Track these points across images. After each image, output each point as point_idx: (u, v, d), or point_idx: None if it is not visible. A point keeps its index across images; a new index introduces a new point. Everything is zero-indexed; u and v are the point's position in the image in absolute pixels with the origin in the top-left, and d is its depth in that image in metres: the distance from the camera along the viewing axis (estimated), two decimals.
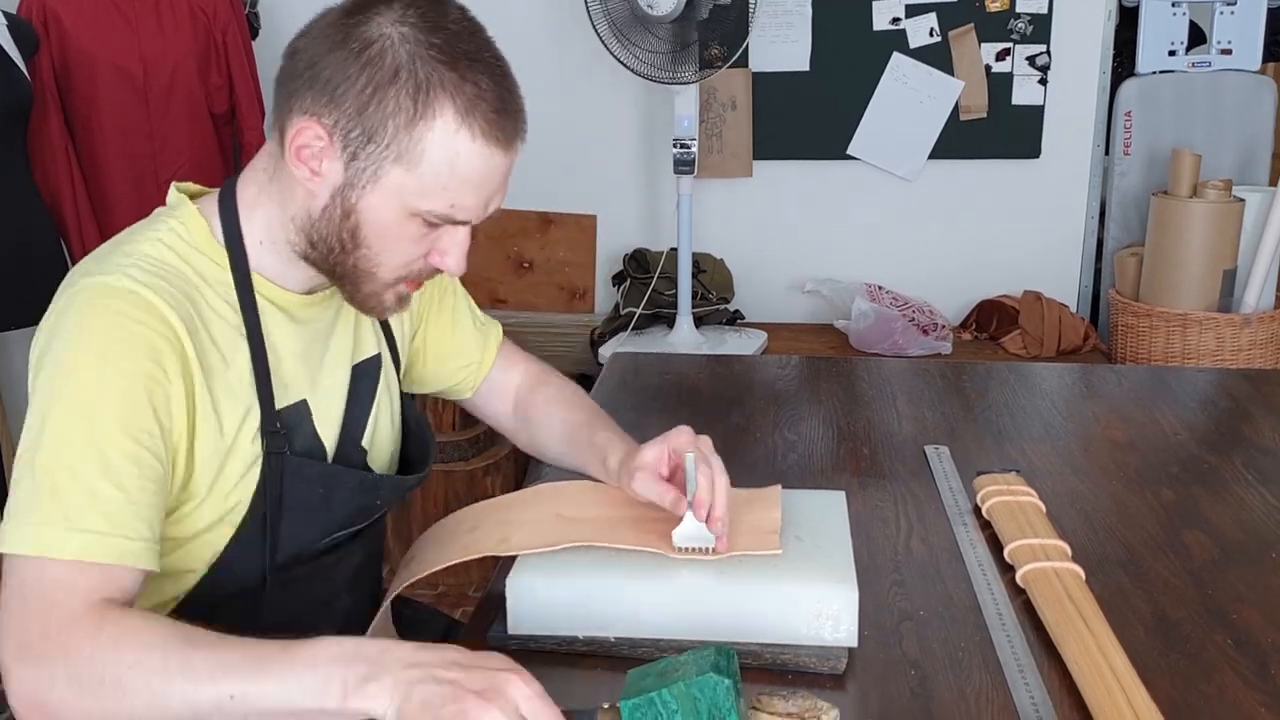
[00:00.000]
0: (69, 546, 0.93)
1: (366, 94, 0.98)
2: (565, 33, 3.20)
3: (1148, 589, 1.20)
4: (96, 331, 0.98)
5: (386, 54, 0.98)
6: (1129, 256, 3.02)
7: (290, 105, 1.02)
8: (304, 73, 1.01)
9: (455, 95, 0.98)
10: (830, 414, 1.74)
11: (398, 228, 1.04)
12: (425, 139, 0.99)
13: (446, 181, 1.01)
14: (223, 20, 2.86)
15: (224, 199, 1.11)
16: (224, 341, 1.06)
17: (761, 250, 3.36)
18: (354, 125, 0.99)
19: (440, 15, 1.01)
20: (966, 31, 3.14)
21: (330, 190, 1.03)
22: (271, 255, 1.10)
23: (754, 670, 1.05)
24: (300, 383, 1.14)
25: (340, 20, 1.01)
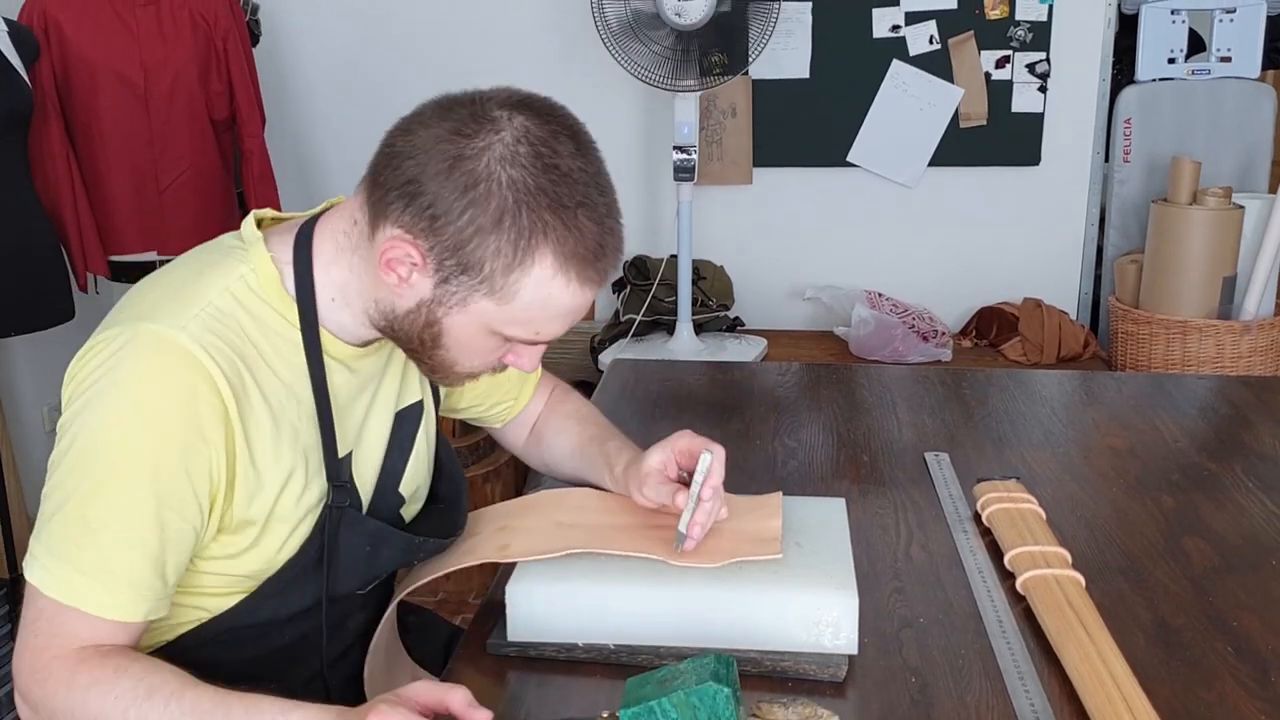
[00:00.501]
0: (91, 601, 0.98)
1: (468, 233, 0.96)
2: (566, 41, 3.21)
3: (1148, 596, 1.20)
4: (148, 391, 0.98)
5: (493, 197, 0.95)
6: (1129, 264, 3.02)
7: (385, 211, 0.99)
8: (403, 185, 0.98)
9: (558, 245, 0.97)
10: (830, 421, 1.74)
11: (479, 342, 1.05)
12: (521, 282, 0.98)
13: (536, 316, 1.01)
14: (223, 27, 2.86)
15: (299, 249, 1.08)
16: (276, 401, 1.05)
17: (761, 257, 3.36)
18: (450, 256, 0.98)
19: (551, 152, 0.98)
20: (966, 39, 3.15)
21: (417, 300, 1.02)
22: (342, 314, 1.09)
23: (754, 678, 1.05)
24: (349, 433, 1.14)
25: (448, 140, 0.97)
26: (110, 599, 0.98)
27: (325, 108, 3.47)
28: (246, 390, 1.02)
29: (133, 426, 0.97)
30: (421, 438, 1.24)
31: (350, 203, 1.08)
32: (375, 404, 1.17)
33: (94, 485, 0.97)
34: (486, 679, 1.06)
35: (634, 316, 3.13)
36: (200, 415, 0.98)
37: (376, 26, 3.38)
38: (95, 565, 0.97)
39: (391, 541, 1.15)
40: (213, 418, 0.99)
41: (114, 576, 0.98)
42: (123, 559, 0.98)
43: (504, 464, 3.03)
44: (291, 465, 1.06)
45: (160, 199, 2.83)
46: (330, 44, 3.41)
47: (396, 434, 1.20)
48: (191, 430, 0.98)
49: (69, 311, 2.67)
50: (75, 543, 0.98)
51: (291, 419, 1.06)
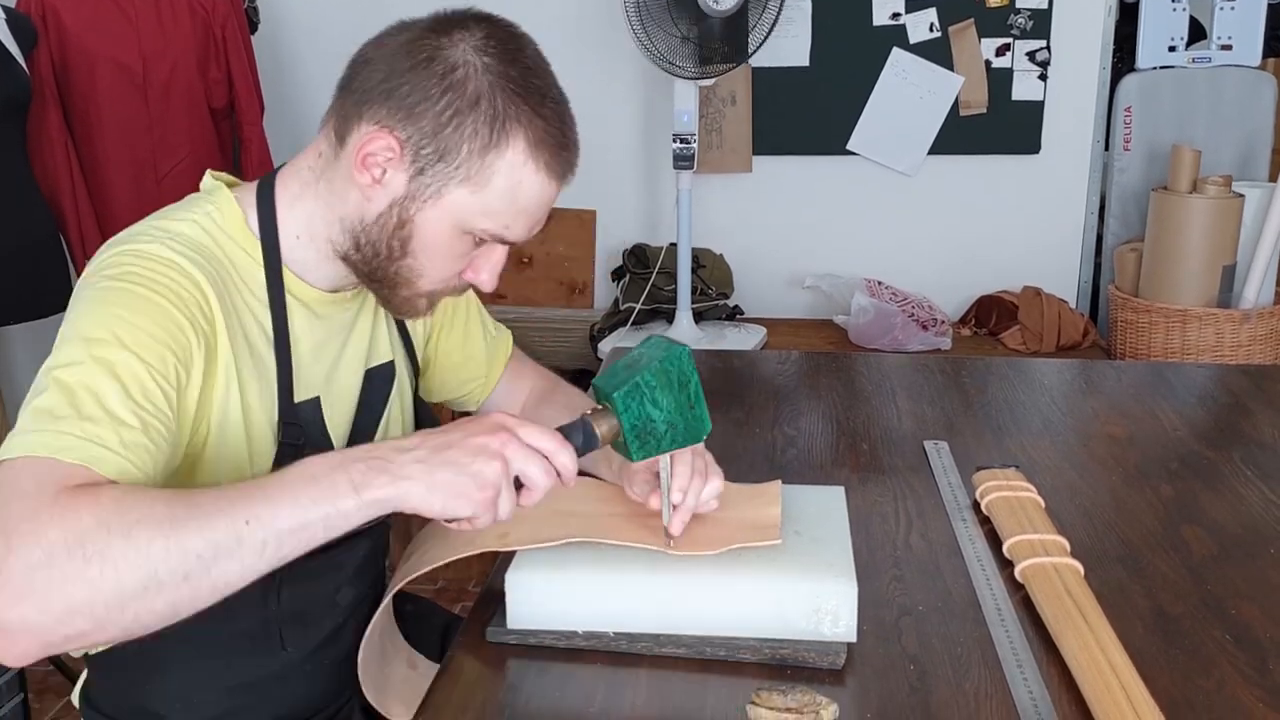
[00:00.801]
0: (79, 452, 0.89)
1: (446, 116, 1.01)
2: (565, 29, 3.20)
3: (1146, 584, 1.20)
4: (134, 279, 1.00)
5: (469, 81, 1.01)
6: (1129, 252, 3.02)
7: (360, 112, 1.04)
8: (379, 84, 1.03)
9: (528, 129, 1.03)
10: (830, 409, 1.74)
11: (448, 242, 1.07)
12: (495, 165, 1.03)
13: (506, 206, 1.05)
14: (221, 15, 2.86)
15: (262, 191, 1.12)
16: (250, 328, 1.08)
17: (761, 245, 3.36)
18: (428, 143, 1.02)
19: (518, 50, 1.05)
20: (966, 26, 3.14)
21: (389, 199, 1.05)
22: (307, 251, 1.12)
23: (753, 665, 1.05)
24: (315, 379, 1.16)
25: (421, 38, 1.03)
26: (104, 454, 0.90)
27: (324, 96, 3.43)
28: (224, 302, 1.05)
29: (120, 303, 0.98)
30: (395, 400, 1.26)
31: (314, 142, 1.12)
32: (344, 357, 1.19)
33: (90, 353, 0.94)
34: (486, 667, 1.07)
35: (633, 305, 3.12)
36: (189, 306, 1.01)
37: (374, 13, 3.35)
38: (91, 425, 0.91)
39: None
40: (199, 316, 1.01)
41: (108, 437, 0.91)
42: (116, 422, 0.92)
43: None
44: (269, 389, 1.09)
45: (159, 187, 2.83)
46: (329, 31, 3.40)
47: (367, 392, 1.22)
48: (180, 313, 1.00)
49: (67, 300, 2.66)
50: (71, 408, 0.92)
51: (260, 349, 1.09)
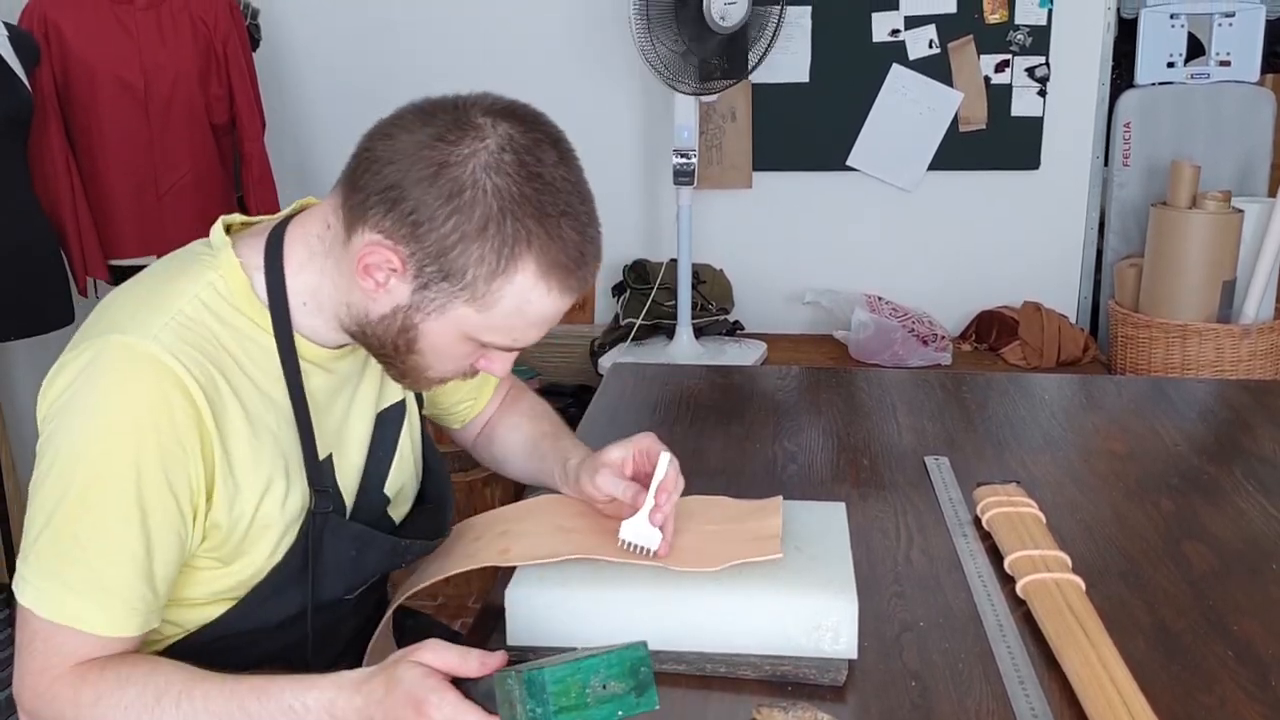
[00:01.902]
0: (85, 619, 0.98)
1: (451, 241, 0.96)
2: (566, 47, 3.21)
3: (1148, 600, 1.20)
4: (122, 404, 0.97)
5: (477, 205, 0.95)
6: (1128, 267, 3.02)
7: (365, 216, 0.98)
8: (384, 190, 0.97)
9: (540, 255, 0.97)
10: (830, 425, 1.74)
11: (455, 347, 1.04)
12: (503, 290, 0.98)
13: (515, 323, 1.01)
14: (223, 31, 2.87)
15: (270, 255, 1.07)
16: (252, 408, 1.05)
17: (761, 261, 3.36)
18: (431, 263, 0.97)
19: (535, 161, 0.97)
20: (966, 43, 3.15)
21: (393, 305, 1.01)
22: (314, 318, 1.08)
23: (753, 682, 1.05)
24: (327, 436, 1.13)
25: (430, 147, 0.96)
26: (104, 615, 0.98)
27: (324, 112, 3.47)
28: (221, 397, 1.02)
29: (111, 439, 0.97)
30: (405, 439, 1.24)
31: (323, 206, 1.07)
32: (354, 405, 1.17)
33: (78, 501, 0.97)
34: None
35: (634, 320, 3.13)
36: (177, 424, 0.98)
37: (376, 31, 3.38)
38: (86, 582, 0.97)
39: (376, 545, 1.15)
40: (189, 426, 0.99)
41: (106, 592, 0.98)
42: (113, 573, 0.98)
43: None
44: (270, 472, 1.06)
45: (160, 203, 2.83)
46: (330, 48, 3.41)
47: (379, 435, 1.20)
48: (169, 439, 0.98)
49: (68, 315, 2.67)
50: (64, 560, 0.98)
51: (270, 425, 1.06)
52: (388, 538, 1.16)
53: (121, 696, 0.96)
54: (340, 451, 1.15)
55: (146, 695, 0.96)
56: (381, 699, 0.93)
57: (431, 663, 0.94)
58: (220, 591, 1.09)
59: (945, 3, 3.13)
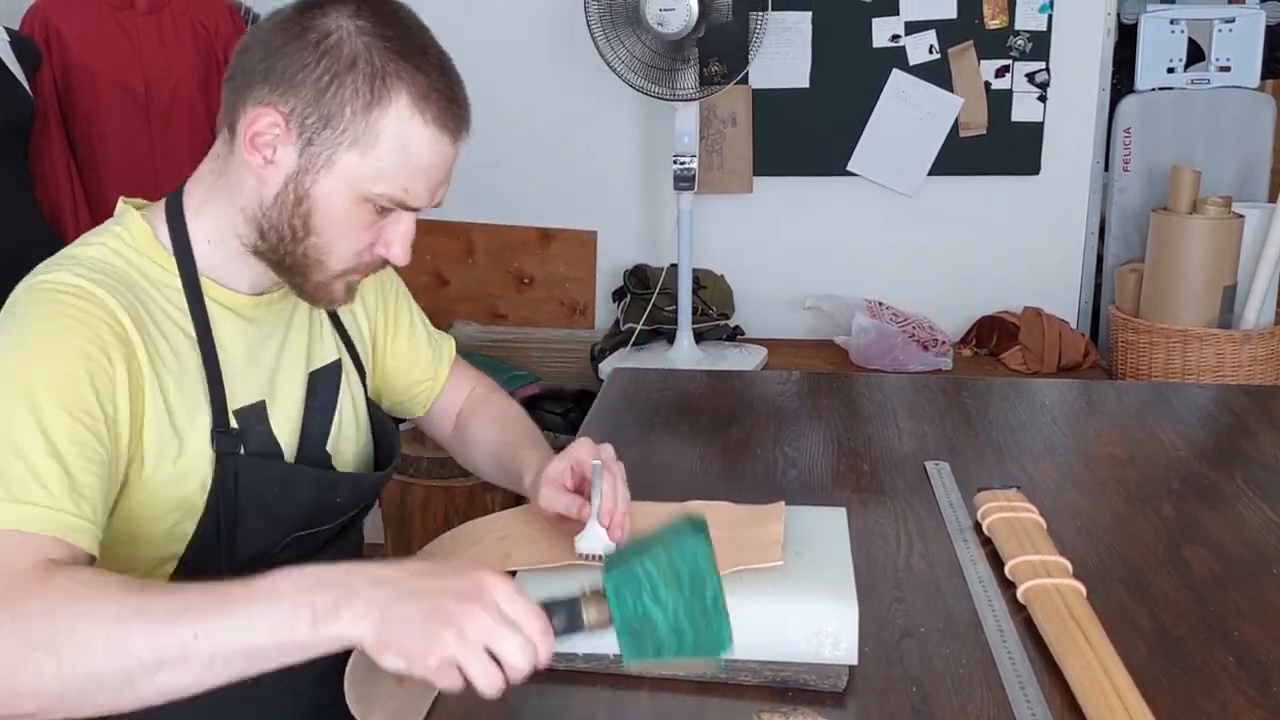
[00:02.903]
0: (9, 516, 0.90)
1: (325, 81, 1.02)
2: (566, 49, 3.21)
3: (1149, 605, 1.20)
4: (40, 318, 1.00)
5: (344, 44, 1.02)
6: (1129, 273, 3.02)
7: (244, 97, 1.05)
8: (258, 65, 1.04)
9: (410, 84, 1.03)
10: (830, 430, 1.73)
11: (349, 213, 1.06)
12: (380, 123, 1.02)
13: (399, 166, 1.04)
14: (224, 36, 2.87)
15: (170, 205, 1.13)
16: (175, 341, 1.08)
17: (762, 266, 3.36)
18: (311, 111, 1.02)
19: (391, 13, 1.06)
20: (966, 49, 3.15)
21: (284, 177, 1.05)
22: (220, 253, 1.12)
23: (754, 688, 1.05)
24: (256, 383, 1.15)
25: (294, 16, 1.04)
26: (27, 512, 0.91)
27: None
28: (144, 323, 1.05)
29: (33, 349, 0.98)
30: (345, 397, 1.25)
31: (212, 150, 1.13)
32: (283, 359, 1.19)
33: (5, 414, 0.95)
34: None
35: (634, 325, 3.13)
36: (102, 336, 1.00)
37: None
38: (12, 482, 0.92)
39: (299, 478, 1.16)
40: (114, 340, 1.01)
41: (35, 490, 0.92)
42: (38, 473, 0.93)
43: None
44: (200, 402, 1.08)
45: None
46: None
47: (315, 394, 1.21)
48: (94, 349, 0.99)
49: None
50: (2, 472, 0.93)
51: (192, 371, 1.09)
52: (309, 469, 1.17)
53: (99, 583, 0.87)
54: (274, 401, 1.16)
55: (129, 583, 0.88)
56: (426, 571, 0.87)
57: None
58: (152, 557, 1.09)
59: (945, 8, 3.13)
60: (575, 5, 2.85)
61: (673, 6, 2.70)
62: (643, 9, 2.71)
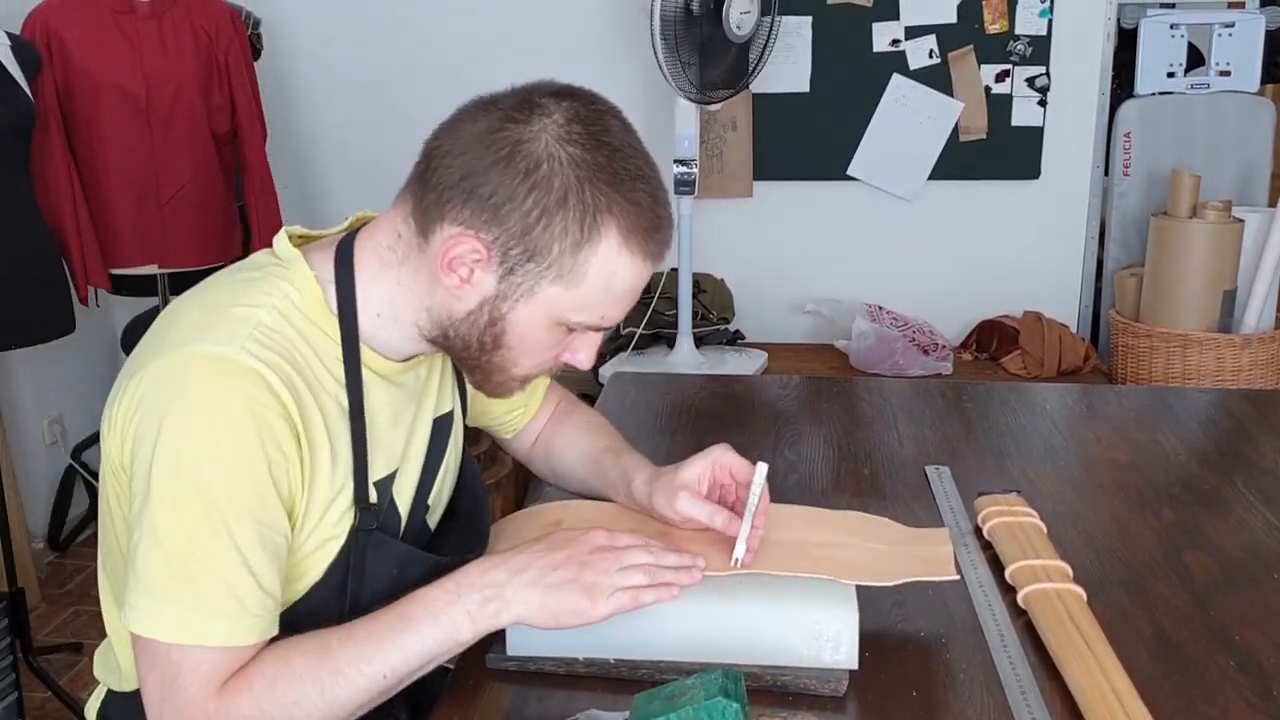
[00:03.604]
0: (214, 633, 0.95)
1: (533, 217, 0.96)
2: (565, 56, 3.22)
3: (1150, 610, 1.19)
4: (221, 416, 0.95)
5: (555, 177, 0.96)
6: (1129, 277, 3.02)
7: (442, 212, 0.99)
8: (459, 182, 0.97)
9: (620, 219, 0.98)
10: (831, 434, 1.73)
11: (542, 335, 1.04)
12: (589, 262, 0.98)
13: (602, 298, 1.01)
14: (225, 41, 2.87)
15: (341, 267, 1.06)
16: (329, 413, 1.04)
17: (762, 270, 3.36)
18: (515, 244, 0.97)
19: (603, 130, 0.99)
20: (966, 53, 3.16)
21: (479, 299, 1.01)
22: (389, 330, 1.07)
23: (755, 691, 1.04)
24: (395, 450, 1.12)
25: (499, 130, 0.97)
26: (230, 625, 0.95)
27: (326, 121, 3.48)
28: (305, 406, 1.00)
29: (220, 454, 0.95)
30: (450, 448, 1.23)
31: (390, 215, 1.06)
32: (418, 418, 1.16)
33: (193, 522, 0.94)
34: (486, 693, 1.06)
35: (634, 330, 3.13)
36: (275, 430, 0.97)
37: (378, 40, 3.39)
38: (209, 597, 0.95)
39: (418, 564, 1.13)
40: (285, 432, 0.98)
41: (231, 603, 0.95)
42: (236, 585, 0.95)
43: (505, 477, 3.03)
44: (343, 479, 1.05)
45: (161, 212, 2.84)
46: (331, 58, 3.42)
47: (433, 447, 1.19)
48: (271, 446, 0.97)
49: (69, 324, 2.67)
50: (184, 581, 0.94)
51: (344, 436, 1.05)
52: (430, 556, 1.14)
53: (288, 668, 0.96)
54: (403, 468, 1.14)
55: (310, 654, 0.97)
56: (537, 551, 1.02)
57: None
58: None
59: (946, 13, 3.14)
60: (579, 11, 2.86)
61: (749, 9, 2.72)
62: (726, 13, 2.71)
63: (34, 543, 3.18)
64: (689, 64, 2.77)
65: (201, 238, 2.90)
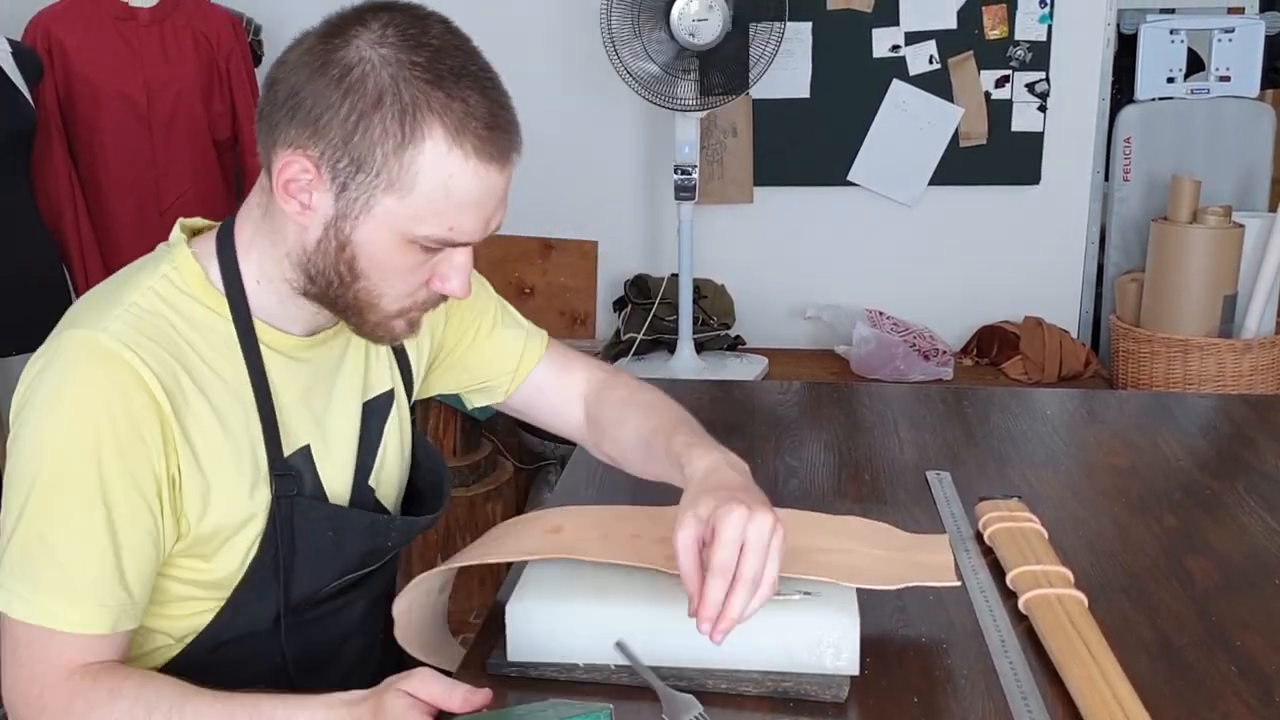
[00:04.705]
0: (57, 617, 0.96)
1: (351, 121, 0.94)
2: (567, 59, 3.22)
3: (1151, 615, 1.19)
4: (76, 399, 0.98)
5: (369, 78, 0.94)
6: (1129, 282, 3.02)
7: (274, 138, 0.98)
8: (285, 103, 0.96)
9: (444, 115, 0.94)
10: (832, 439, 1.73)
11: (395, 256, 0.99)
12: (416, 163, 0.94)
13: (442, 205, 0.96)
14: (226, 47, 2.88)
15: (222, 240, 1.07)
16: (218, 400, 1.04)
17: (762, 276, 3.36)
18: (341, 155, 0.95)
19: (421, 31, 0.96)
20: (966, 59, 3.16)
21: (323, 223, 0.99)
22: (270, 295, 1.06)
23: (755, 698, 1.04)
24: (304, 427, 1.11)
25: (317, 45, 0.96)
26: (76, 613, 0.97)
27: None
28: (182, 388, 1.01)
29: (69, 434, 0.97)
30: (392, 427, 1.21)
31: (258, 182, 1.07)
32: (334, 397, 1.15)
33: (41, 499, 0.97)
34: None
35: (635, 335, 3.13)
36: (134, 415, 0.97)
37: None
38: (55, 581, 0.97)
39: (354, 522, 1.13)
40: (147, 417, 0.98)
41: (75, 590, 0.97)
42: (81, 572, 0.97)
43: (505, 483, 3.02)
44: (239, 461, 1.05)
45: (162, 219, 2.84)
46: None
47: (366, 426, 1.17)
48: (126, 431, 0.97)
49: None
50: (33, 560, 0.97)
51: (238, 415, 1.05)
52: (365, 513, 1.15)
53: (111, 709, 0.96)
54: (324, 444, 1.13)
55: (137, 710, 0.96)
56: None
57: (417, 692, 0.95)
58: (203, 594, 1.08)
59: (945, 18, 3.14)
60: (581, 16, 2.86)
61: (706, 17, 2.71)
62: (673, 22, 2.71)
63: None
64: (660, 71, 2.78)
65: None
